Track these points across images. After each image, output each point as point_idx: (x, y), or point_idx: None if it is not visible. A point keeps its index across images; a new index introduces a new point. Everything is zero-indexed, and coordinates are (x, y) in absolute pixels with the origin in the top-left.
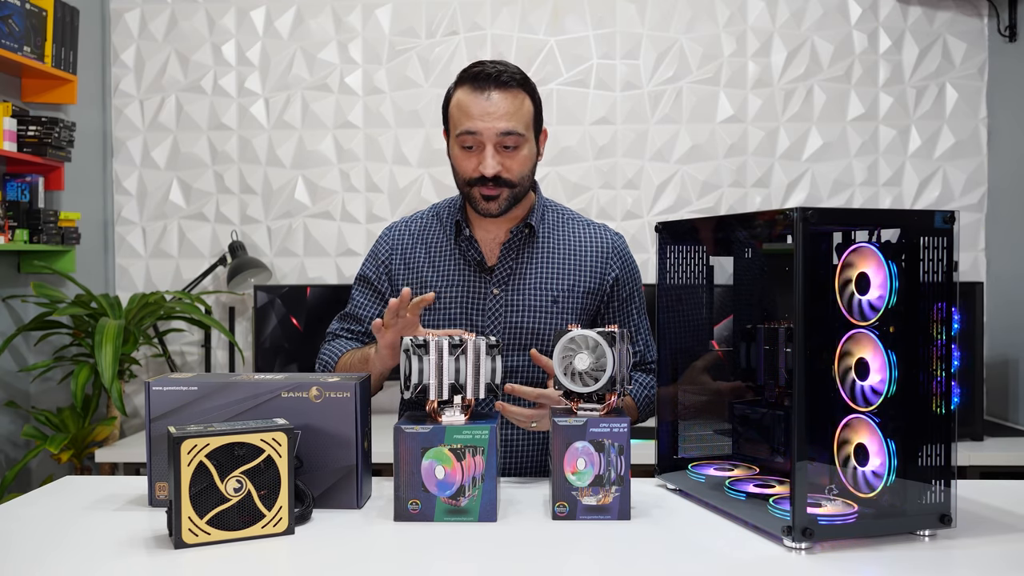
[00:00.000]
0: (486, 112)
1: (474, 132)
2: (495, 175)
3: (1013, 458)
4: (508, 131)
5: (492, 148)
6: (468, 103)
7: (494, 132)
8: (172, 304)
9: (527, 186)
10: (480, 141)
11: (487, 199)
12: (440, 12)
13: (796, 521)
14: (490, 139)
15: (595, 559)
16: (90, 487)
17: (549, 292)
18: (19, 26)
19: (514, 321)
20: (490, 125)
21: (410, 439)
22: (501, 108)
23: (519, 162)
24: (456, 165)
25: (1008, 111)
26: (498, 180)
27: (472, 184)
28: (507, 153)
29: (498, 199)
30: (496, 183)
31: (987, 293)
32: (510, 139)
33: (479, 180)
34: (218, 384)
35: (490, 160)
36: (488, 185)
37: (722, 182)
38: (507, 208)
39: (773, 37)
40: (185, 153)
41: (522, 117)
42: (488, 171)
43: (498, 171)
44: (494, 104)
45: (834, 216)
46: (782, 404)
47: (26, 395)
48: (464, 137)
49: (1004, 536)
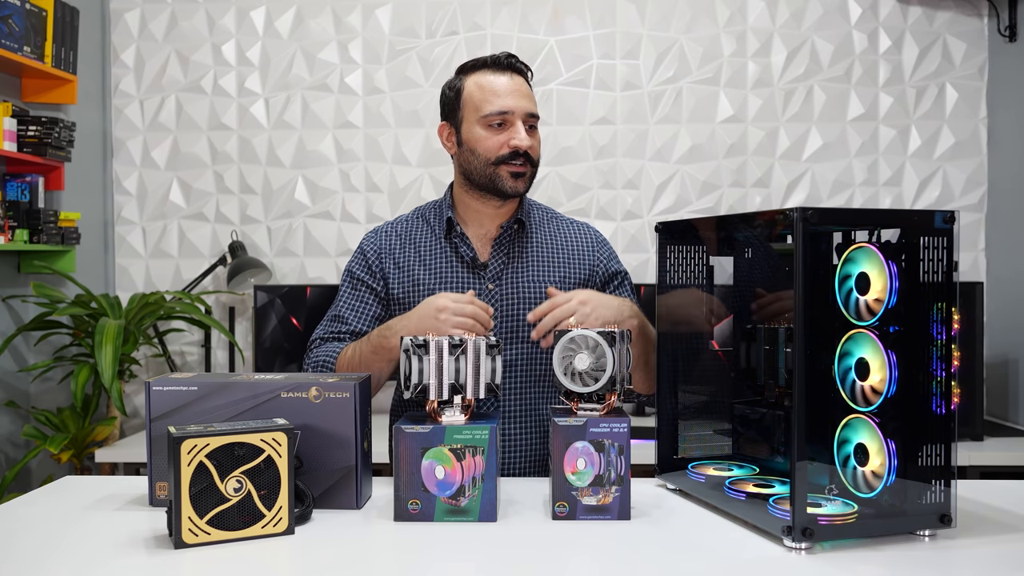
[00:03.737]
0: (515, 90)
1: (505, 111)
2: (526, 150)
3: (1013, 458)
4: (533, 112)
5: (522, 124)
6: (493, 84)
7: (524, 110)
8: (172, 304)
9: None
10: (510, 119)
11: (515, 176)
12: (440, 12)
13: (796, 521)
14: (520, 116)
15: (595, 559)
16: (90, 487)
17: (543, 284)
18: (19, 26)
19: (511, 315)
20: (520, 103)
21: (410, 439)
22: (524, 89)
23: (538, 142)
24: (479, 146)
25: (1008, 111)
26: (527, 156)
27: (500, 162)
28: (531, 133)
29: (525, 176)
30: (526, 159)
31: (987, 293)
32: (533, 120)
33: (509, 156)
34: (218, 384)
35: (522, 134)
36: (518, 160)
37: (722, 182)
38: (527, 188)
39: (773, 37)
40: (185, 153)
41: (536, 102)
42: (523, 143)
43: (531, 145)
44: (519, 85)
45: (834, 216)
46: (782, 404)
47: (26, 395)
48: (493, 116)
49: (1004, 536)
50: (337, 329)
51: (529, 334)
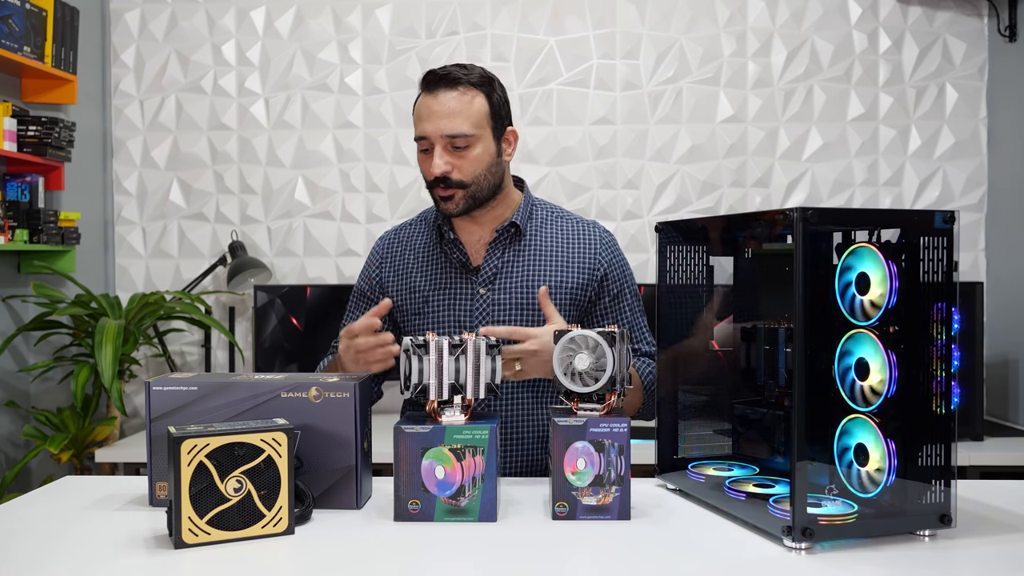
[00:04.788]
0: (432, 113)
1: (424, 136)
2: (444, 176)
3: (1013, 458)
4: (453, 133)
5: (440, 149)
6: (420, 106)
7: (439, 134)
8: (172, 304)
9: (486, 186)
10: (429, 143)
11: (443, 200)
12: (440, 12)
13: (796, 521)
14: (438, 140)
15: (595, 559)
16: (90, 487)
17: (537, 288)
18: (19, 26)
19: (502, 320)
20: (435, 126)
21: (410, 439)
22: (447, 108)
23: (470, 162)
24: (420, 168)
25: (1008, 111)
26: (448, 181)
27: (431, 186)
28: (458, 153)
29: (453, 199)
30: (447, 184)
31: (987, 293)
32: (459, 140)
33: (434, 182)
34: (218, 384)
35: (437, 160)
36: (440, 187)
37: (722, 182)
38: (466, 208)
39: (773, 37)
40: (185, 153)
41: (471, 116)
42: (435, 171)
43: (447, 171)
44: (440, 104)
45: (834, 216)
46: (782, 404)
47: (26, 395)
48: (419, 141)
49: (1004, 536)
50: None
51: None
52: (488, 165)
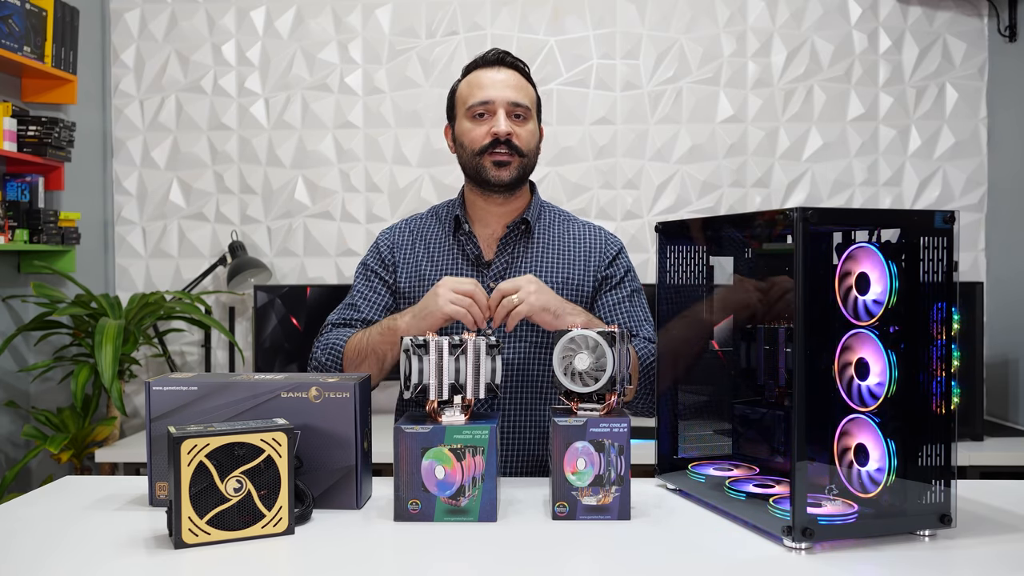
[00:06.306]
0: (496, 82)
1: (487, 101)
2: (507, 138)
3: (1013, 458)
4: (517, 102)
5: (504, 113)
6: (479, 78)
7: (505, 100)
8: (172, 304)
9: (534, 162)
10: (492, 109)
11: (499, 165)
12: (440, 12)
13: (796, 521)
14: (502, 105)
15: (595, 559)
16: (90, 487)
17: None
18: (19, 26)
19: None
20: (502, 93)
21: (410, 439)
22: (511, 81)
23: (527, 132)
24: (465, 138)
25: (1008, 111)
26: (510, 144)
27: (483, 152)
28: (518, 122)
29: (510, 166)
30: (508, 147)
31: (987, 293)
32: (520, 109)
33: (491, 145)
34: (218, 384)
35: (503, 121)
36: (500, 149)
37: (722, 182)
38: (517, 178)
39: (773, 37)
40: (185, 153)
41: (528, 95)
42: (502, 128)
43: (511, 133)
44: (504, 76)
45: (834, 216)
46: (782, 404)
47: (26, 395)
48: (475, 108)
49: (1004, 536)
50: (349, 316)
51: (529, 334)
52: (536, 145)
